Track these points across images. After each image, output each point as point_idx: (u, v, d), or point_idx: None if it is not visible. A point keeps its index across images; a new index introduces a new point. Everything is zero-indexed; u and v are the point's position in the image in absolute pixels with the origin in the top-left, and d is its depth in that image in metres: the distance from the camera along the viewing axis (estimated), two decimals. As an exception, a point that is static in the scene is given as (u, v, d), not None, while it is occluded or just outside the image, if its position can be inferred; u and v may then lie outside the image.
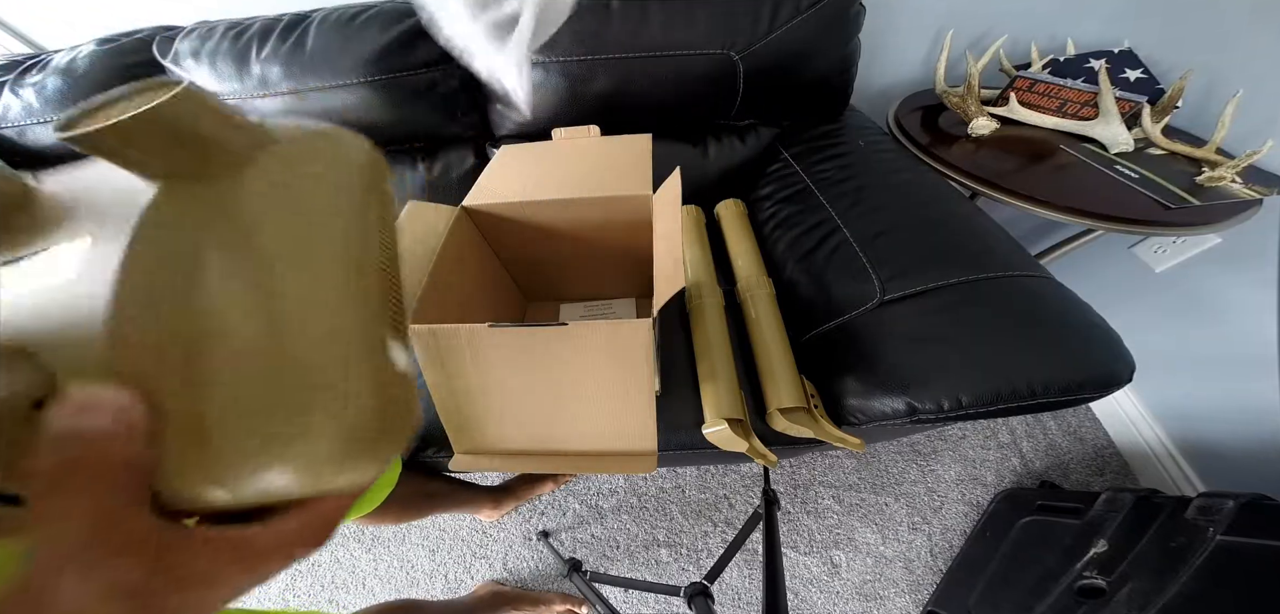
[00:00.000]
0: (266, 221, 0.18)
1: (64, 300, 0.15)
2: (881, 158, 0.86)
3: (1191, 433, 1.05)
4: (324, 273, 0.18)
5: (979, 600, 0.91)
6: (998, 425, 1.22)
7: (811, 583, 1.03)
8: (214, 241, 0.17)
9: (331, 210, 0.20)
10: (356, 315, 0.18)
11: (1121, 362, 0.54)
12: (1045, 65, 0.95)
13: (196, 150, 0.18)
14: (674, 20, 0.82)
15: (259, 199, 0.19)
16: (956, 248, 0.66)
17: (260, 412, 0.15)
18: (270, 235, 0.18)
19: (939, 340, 0.58)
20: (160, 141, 0.17)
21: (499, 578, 1.06)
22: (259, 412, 0.15)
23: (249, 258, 0.17)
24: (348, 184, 0.21)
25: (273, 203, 0.19)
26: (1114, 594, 0.72)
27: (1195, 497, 0.74)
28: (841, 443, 0.61)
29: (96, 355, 0.14)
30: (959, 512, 1.10)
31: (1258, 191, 0.78)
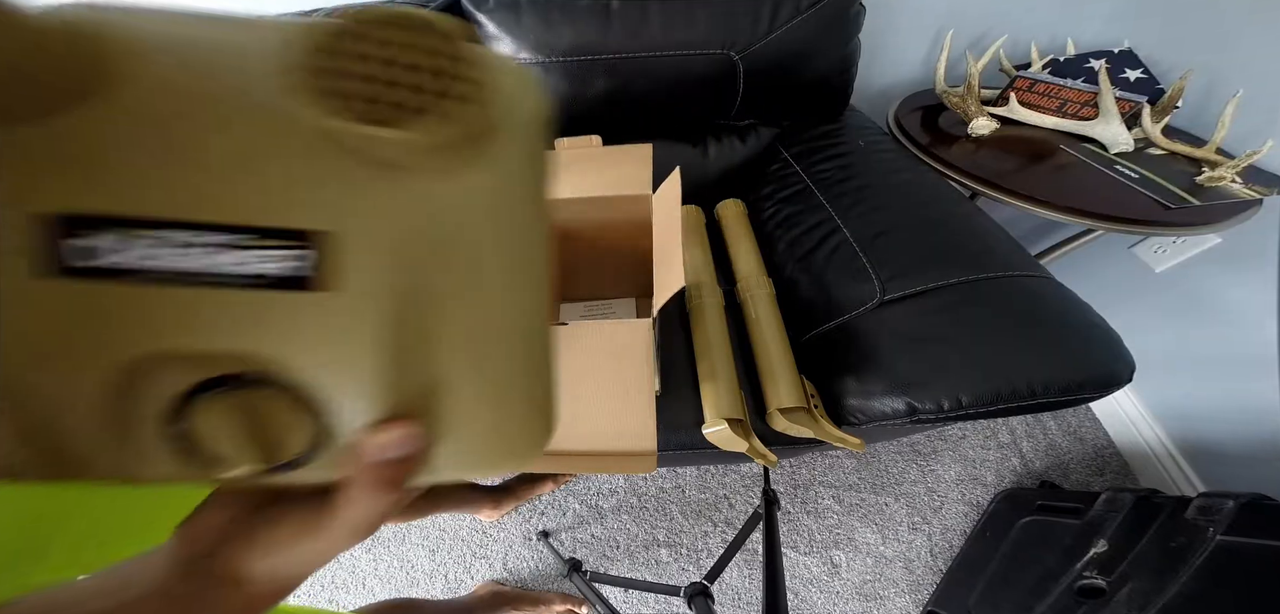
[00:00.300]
0: (487, 240, 0.18)
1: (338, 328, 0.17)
2: (881, 158, 0.86)
3: (1191, 433, 1.05)
4: (535, 293, 0.20)
5: (979, 600, 0.91)
6: (998, 425, 1.22)
7: (811, 583, 1.03)
8: (440, 267, 0.18)
9: (538, 220, 0.20)
10: (546, 328, 0.21)
11: (1121, 362, 0.54)
12: (1045, 65, 0.95)
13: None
14: (674, 20, 0.82)
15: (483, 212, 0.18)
16: (956, 248, 0.66)
17: (483, 447, 0.19)
18: (489, 257, 0.18)
19: (939, 340, 0.59)
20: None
21: (499, 578, 1.06)
22: (482, 447, 0.19)
23: (478, 288, 0.18)
24: (544, 182, 0.20)
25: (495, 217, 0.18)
26: (1114, 594, 0.72)
27: (1195, 497, 0.74)
28: (841, 443, 0.61)
29: (383, 390, 0.17)
30: (959, 512, 1.10)
31: (1258, 191, 0.78)
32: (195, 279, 0.15)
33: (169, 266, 0.15)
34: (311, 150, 0.16)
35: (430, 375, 0.17)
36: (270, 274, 0.16)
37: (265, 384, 0.16)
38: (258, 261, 0.15)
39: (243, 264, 0.15)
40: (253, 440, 0.16)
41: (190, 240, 0.15)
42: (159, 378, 0.15)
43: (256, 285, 0.15)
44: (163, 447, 0.16)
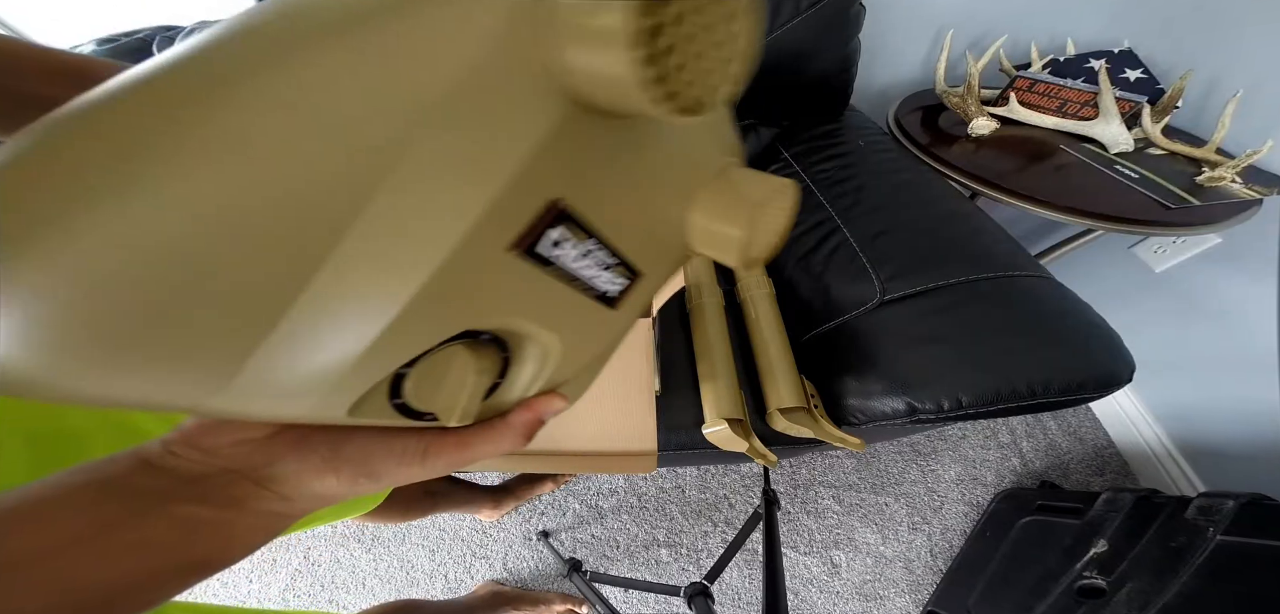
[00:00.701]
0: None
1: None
2: (881, 158, 0.86)
3: (1191, 433, 1.05)
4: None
5: (979, 600, 0.91)
6: (998, 425, 1.22)
7: (811, 583, 1.03)
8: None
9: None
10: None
11: (1121, 361, 0.54)
12: (1045, 65, 0.95)
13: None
14: (674, 20, 0.82)
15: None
16: (956, 248, 0.66)
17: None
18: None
19: (939, 340, 0.58)
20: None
21: (499, 578, 1.06)
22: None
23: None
24: None
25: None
26: (1114, 594, 0.72)
27: (1195, 497, 0.74)
28: (841, 443, 0.61)
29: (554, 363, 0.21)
30: (959, 512, 1.10)
31: (1258, 191, 0.78)
32: (576, 282, 0.19)
33: (579, 272, 0.18)
34: (673, 215, 0.21)
35: (587, 367, 0.23)
36: (609, 294, 0.21)
37: (501, 351, 0.19)
38: (610, 282, 0.20)
39: (608, 282, 0.20)
40: (449, 384, 0.17)
41: (605, 258, 0.19)
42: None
43: (597, 297, 0.20)
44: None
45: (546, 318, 0.19)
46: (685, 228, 0.22)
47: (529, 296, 0.17)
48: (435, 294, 0.14)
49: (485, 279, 0.15)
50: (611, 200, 0.18)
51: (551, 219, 0.16)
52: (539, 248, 0.16)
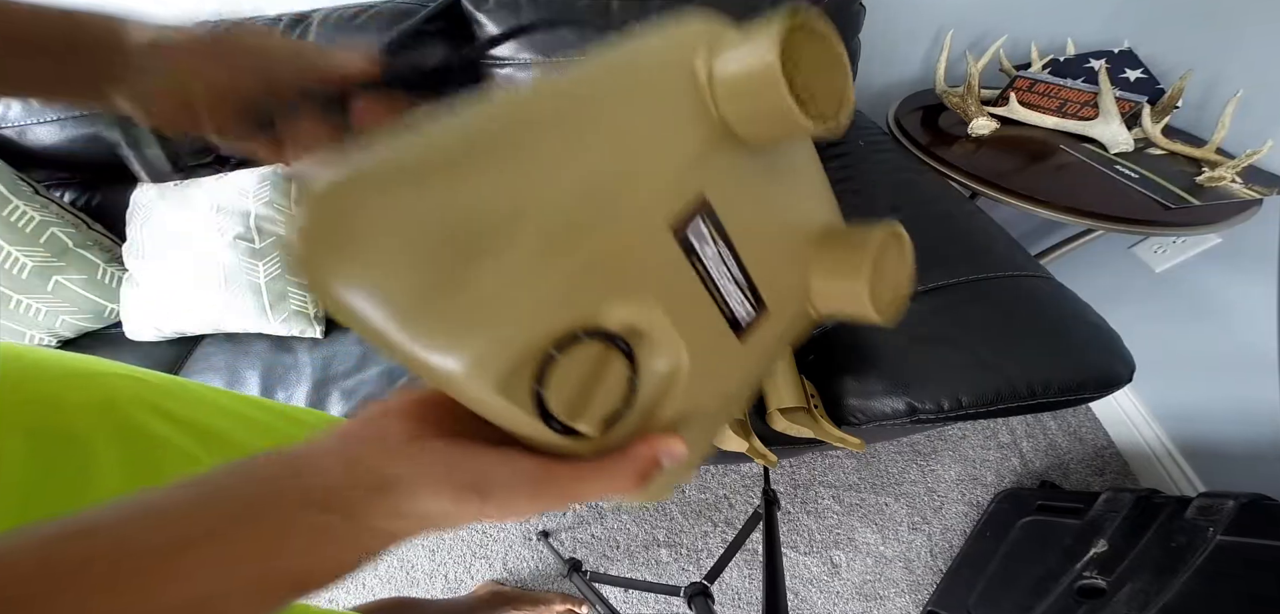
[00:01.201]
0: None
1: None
2: (881, 158, 0.86)
3: (1191, 433, 1.05)
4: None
5: (979, 600, 0.90)
6: (998, 425, 1.22)
7: (811, 583, 1.03)
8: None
9: None
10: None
11: (1121, 361, 0.54)
12: (1045, 65, 0.95)
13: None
14: (674, 20, 0.82)
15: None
16: (956, 247, 0.66)
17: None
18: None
19: (939, 340, 0.58)
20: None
21: (499, 578, 1.06)
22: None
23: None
24: None
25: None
26: (1114, 594, 0.72)
27: (1195, 497, 0.74)
28: (841, 443, 0.61)
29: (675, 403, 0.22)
30: (959, 512, 1.10)
31: (1258, 191, 0.78)
32: (710, 283, 0.21)
33: (713, 274, 0.21)
34: (791, 259, 0.24)
35: (702, 412, 0.22)
36: (738, 316, 0.22)
37: (630, 358, 0.20)
38: (739, 303, 0.22)
39: (738, 302, 0.22)
40: (586, 388, 0.18)
41: (734, 270, 0.22)
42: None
43: (726, 315, 0.22)
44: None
45: (680, 314, 0.20)
46: (808, 290, 0.24)
47: (674, 281, 0.20)
48: (615, 245, 0.18)
49: (647, 247, 0.19)
50: (741, 217, 0.21)
51: (699, 209, 0.20)
52: (688, 232, 0.20)
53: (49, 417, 0.36)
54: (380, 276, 0.15)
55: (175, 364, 0.87)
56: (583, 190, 0.17)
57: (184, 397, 0.49)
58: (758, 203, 0.22)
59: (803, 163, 0.25)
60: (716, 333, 0.21)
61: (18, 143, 0.90)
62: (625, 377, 0.19)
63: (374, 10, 0.85)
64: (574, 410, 0.18)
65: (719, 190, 0.20)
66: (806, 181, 0.25)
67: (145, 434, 0.42)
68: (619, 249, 0.18)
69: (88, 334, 0.92)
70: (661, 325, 0.19)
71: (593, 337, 0.17)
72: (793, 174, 0.24)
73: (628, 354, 0.19)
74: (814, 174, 0.26)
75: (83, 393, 0.39)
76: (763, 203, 0.23)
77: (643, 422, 0.20)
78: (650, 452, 0.19)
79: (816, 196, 0.26)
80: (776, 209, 0.23)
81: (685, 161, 0.19)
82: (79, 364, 0.41)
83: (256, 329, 0.84)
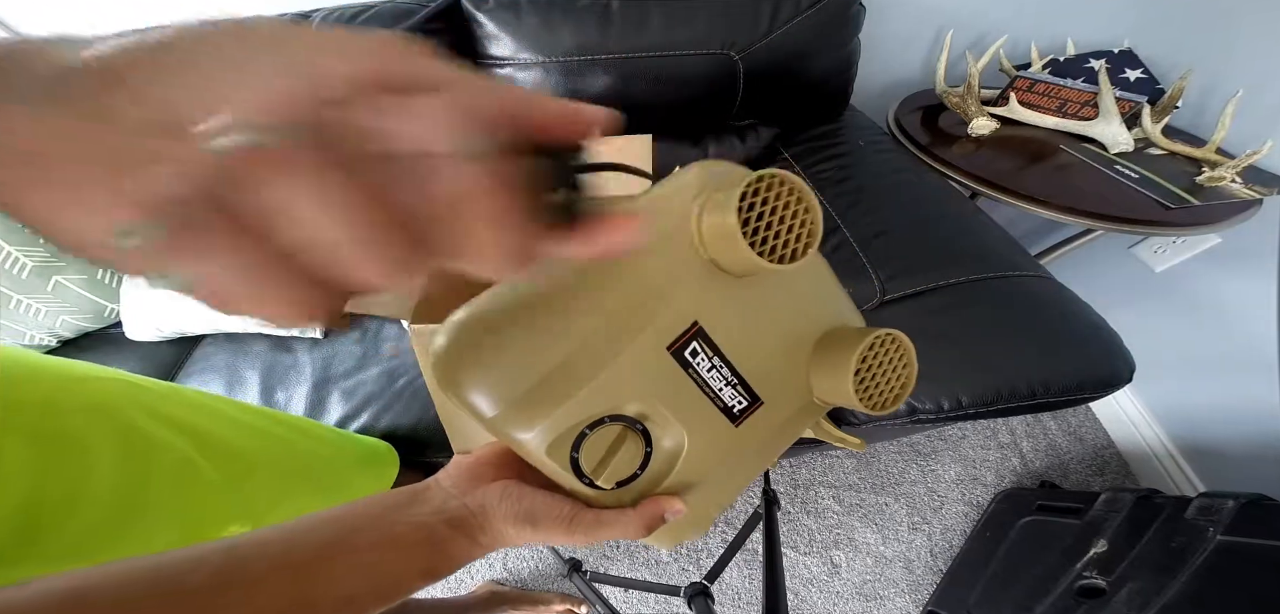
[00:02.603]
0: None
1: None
2: (881, 158, 0.86)
3: (1191, 433, 1.05)
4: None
5: (979, 600, 0.90)
6: (998, 425, 1.22)
7: (811, 583, 1.03)
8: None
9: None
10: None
11: (1121, 361, 0.55)
12: (1045, 65, 0.95)
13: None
14: (674, 20, 0.82)
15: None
16: (956, 248, 0.66)
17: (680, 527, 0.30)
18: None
19: (939, 340, 0.59)
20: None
21: (499, 578, 1.06)
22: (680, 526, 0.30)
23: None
24: None
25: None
26: (1114, 594, 0.72)
27: (1195, 497, 0.74)
28: (842, 443, 0.61)
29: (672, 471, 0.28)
30: (959, 512, 1.10)
31: (1258, 192, 0.78)
32: (706, 389, 0.26)
33: (708, 381, 0.26)
34: (788, 361, 0.28)
35: (703, 481, 0.29)
36: (733, 408, 0.27)
37: (645, 439, 0.27)
38: (732, 397, 0.27)
39: (731, 397, 0.27)
40: (606, 456, 0.26)
41: (727, 376, 0.27)
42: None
43: (723, 409, 0.27)
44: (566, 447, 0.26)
45: (681, 410, 0.26)
46: (811, 383, 0.28)
47: (673, 389, 0.26)
48: (628, 367, 0.24)
49: (652, 365, 0.25)
50: (734, 331, 0.26)
51: (693, 334, 0.25)
52: (685, 353, 0.25)
53: (46, 420, 0.36)
54: (485, 388, 0.24)
55: (175, 364, 0.87)
56: (609, 327, 0.24)
57: (180, 401, 0.49)
58: (750, 319, 0.27)
59: (805, 278, 0.29)
60: (713, 422, 0.27)
61: (18, 143, 0.90)
62: (641, 450, 0.27)
63: (374, 10, 0.85)
64: (597, 470, 0.26)
65: (713, 313, 0.25)
66: (809, 292, 0.29)
67: (142, 435, 0.42)
68: (631, 366, 0.25)
69: (88, 334, 0.92)
70: (663, 415, 0.26)
71: (614, 420, 0.25)
72: (789, 290, 0.28)
73: (644, 434, 0.26)
74: (818, 283, 0.29)
75: (79, 396, 0.39)
76: (756, 318, 0.27)
77: (652, 485, 0.28)
78: (656, 508, 0.27)
79: (822, 302, 0.30)
80: (771, 321, 0.27)
81: (683, 296, 0.25)
82: (75, 369, 0.41)
83: (256, 329, 0.84)
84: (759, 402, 0.28)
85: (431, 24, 0.84)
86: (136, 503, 0.42)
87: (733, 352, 0.26)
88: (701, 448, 0.27)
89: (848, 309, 0.31)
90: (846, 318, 0.31)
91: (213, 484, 0.47)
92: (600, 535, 0.26)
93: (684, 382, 0.26)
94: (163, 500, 0.44)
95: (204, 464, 0.47)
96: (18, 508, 0.33)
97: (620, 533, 0.27)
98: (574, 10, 0.82)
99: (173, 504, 0.45)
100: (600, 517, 0.26)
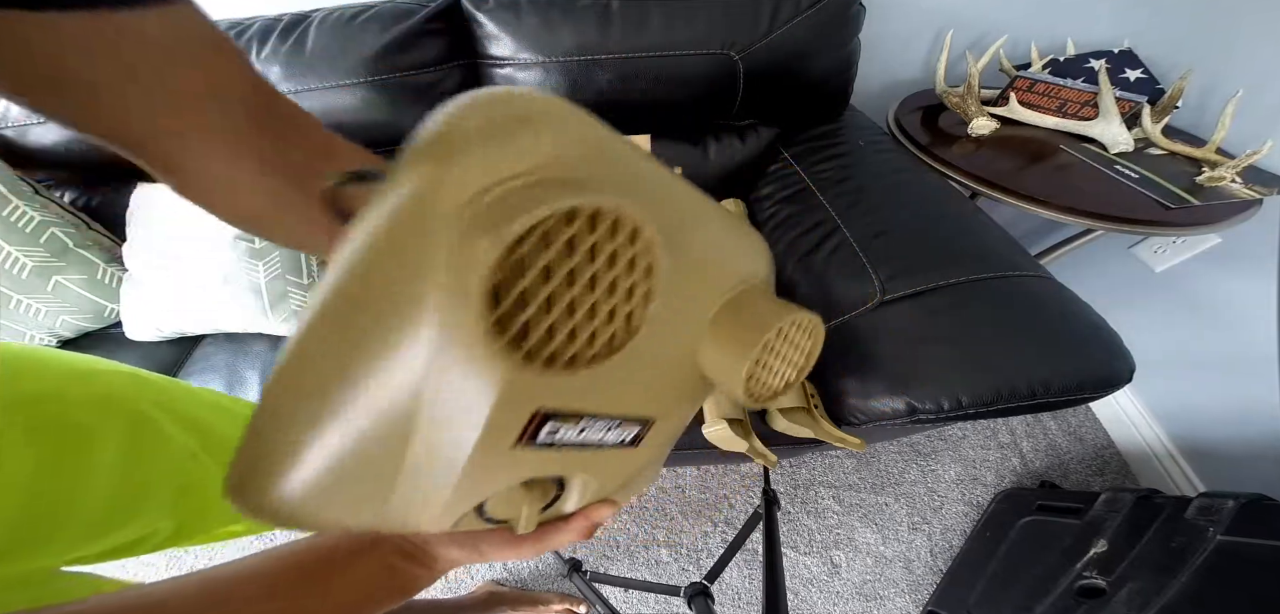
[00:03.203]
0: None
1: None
2: (881, 158, 0.86)
3: (1191, 433, 1.05)
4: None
5: (979, 600, 0.90)
6: (998, 425, 1.22)
7: (811, 583, 1.03)
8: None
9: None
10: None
11: (1121, 361, 0.55)
12: (1045, 65, 0.95)
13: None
14: (674, 20, 0.82)
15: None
16: (956, 248, 0.66)
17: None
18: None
19: (939, 340, 0.58)
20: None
21: (498, 578, 1.06)
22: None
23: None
24: None
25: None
26: (1114, 594, 0.72)
27: (1195, 497, 0.74)
28: (841, 443, 0.61)
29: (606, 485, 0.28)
30: (959, 512, 1.10)
31: (1258, 192, 0.78)
32: (586, 446, 0.23)
33: (585, 440, 0.22)
34: (685, 378, 0.24)
35: (629, 483, 0.29)
36: (625, 440, 0.24)
37: (557, 482, 0.25)
38: (621, 436, 0.24)
39: (619, 436, 0.24)
40: (524, 501, 0.25)
41: (605, 426, 0.22)
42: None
43: (615, 446, 0.24)
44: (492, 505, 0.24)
45: (572, 467, 0.25)
46: (697, 350, 0.23)
47: (548, 462, 0.23)
48: (473, 473, 0.20)
49: (507, 461, 0.21)
50: (594, 394, 0.21)
51: (541, 421, 0.20)
52: (539, 438, 0.21)
53: (51, 411, 0.36)
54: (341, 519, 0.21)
55: (175, 364, 0.87)
56: (432, 465, 0.20)
57: (183, 396, 0.49)
58: (617, 366, 0.20)
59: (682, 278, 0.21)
60: (606, 459, 0.25)
61: (18, 143, 0.90)
62: (550, 486, 0.25)
63: (374, 10, 0.85)
64: (511, 519, 0.25)
65: (554, 396, 0.19)
66: (686, 289, 0.22)
67: (149, 424, 0.42)
68: (478, 475, 0.21)
69: (88, 334, 0.92)
70: (558, 473, 0.25)
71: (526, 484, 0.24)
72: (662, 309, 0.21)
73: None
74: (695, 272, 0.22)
75: (84, 389, 0.39)
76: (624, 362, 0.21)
77: (576, 503, 0.28)
78: (586, 521, 0.29)
79: (723, 270, 0.23)
80: (646, 353, 0.21)
81: (511, 393, 0.18)
82: (80, 362, 0.41)
83: (256, 329, 0.84)
84: (651, 421, 0.25)
85: (431, 24, 0.84)
86: (137, 498, 0.42)
87: (597, 406, 0.21)
88: (609, 473, 0.26)
89: (749, 257, 0.25)
90: (746, 269, 0.24)
91: (216, 482, 0.47)
92: (545, 548, 0.28)
93: (555, 453, 0.22)
94: (164, 498, 0.44)
95: (208, 461, 0.47)
96: (22, 502, 0.33)
97: (560, 543, 0.29)
98: (574, 10, 0.81)
99: (174, 501, 0.45)
100: (539, 533, 0.28)
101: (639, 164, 0.20)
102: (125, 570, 1.06)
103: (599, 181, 0.16)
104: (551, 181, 0.15)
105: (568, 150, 0.16)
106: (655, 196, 0.20)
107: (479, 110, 0.15)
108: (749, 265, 0.25)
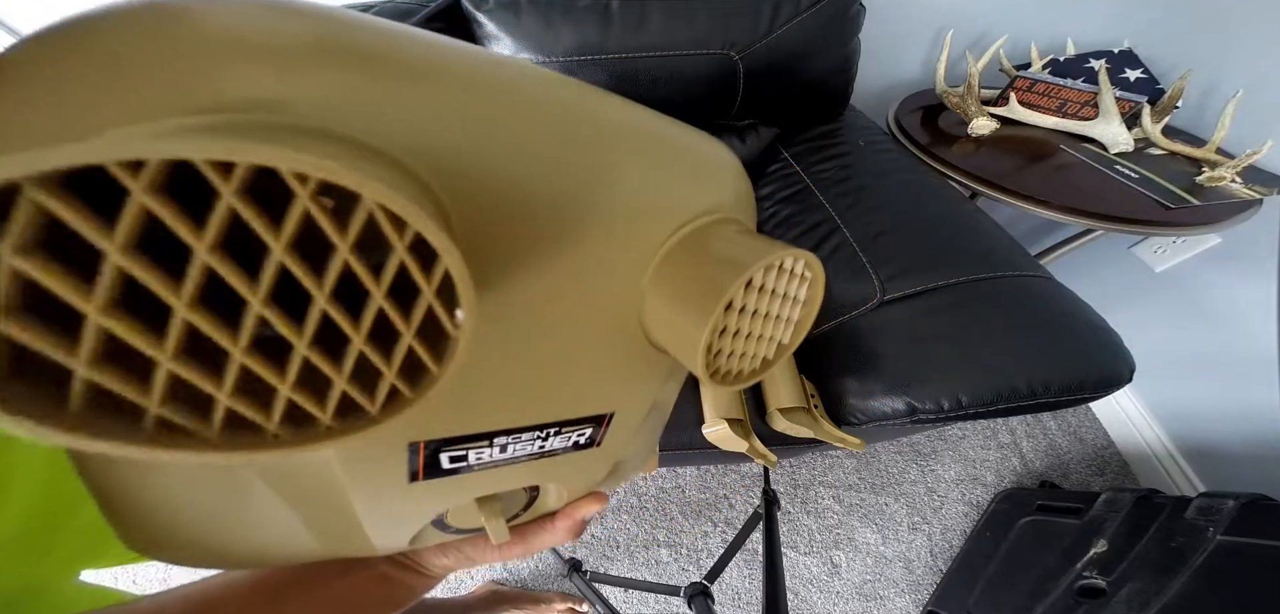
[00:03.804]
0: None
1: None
2: (881, 158, 0.86)
3: (1191, 433, 1.05)
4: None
5: (979, 600, 0.90)
6: (998, 425, 1.22)
7: (811, 583, 1.03)
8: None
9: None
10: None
11: (1121, 361, 0.54)
12: (1045, 65, 0.95)
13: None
14: (674, 20, 0.82)
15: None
16: (956, 248, 0.66)
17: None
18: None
19: (939, 340, 0.58)
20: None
21: (499, 578, 1.06)
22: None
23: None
24: None
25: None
26: (1114, 594, 0.72)
27: (1195, 497, 0.74)
28: (841, 443, 0.61)
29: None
30: (959, 512, 1.10)
31: (1258, 191, 0.78)
32: (521, 459, 0.20)
33: (515, 455, 0.19)
34: (634, 357, 0.19)
35: (609, 473, 0.26)
36: (579, 442, 0.21)
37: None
38: (565, 441, 0.20)
39: (564, 441, 0.20)
40: (481, 512, 0.23)
41: (530, 438, 0.19)
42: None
43: (573, 449, 0.21)
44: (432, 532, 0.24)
45: (523, 478, 0.21)
46: (642, 310, 0.16)
47: (479, 483, 0.20)
48: (376, 511, 0.19)
49: (416, 495, 0.19)
50: (476, 413, 0.16)
51: (429, 452, 0.17)
52: (442, 468, 0.18)
53: None
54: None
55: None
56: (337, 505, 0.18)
57: None
58: (516, 362, 0.16)
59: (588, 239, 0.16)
60: (569, 458, 0.21)
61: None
62: (522, 496, 0.25)
63: (374, 10, 0.85)
64: (473, 527, 0.25)
65: (426, 425, 0.16)
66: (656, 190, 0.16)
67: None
68: (382, 521, 0.20)
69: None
70: (506, 489, 0.23)
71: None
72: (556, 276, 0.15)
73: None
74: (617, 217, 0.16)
75: None
76: (526, 351, 0.16)
77: (554, 503, 0.27)
78: (571, 520, 0.28)
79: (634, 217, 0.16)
80: (556, 330, 0.16)
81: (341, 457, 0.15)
82: None
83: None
84: (606, 415, 0.20)
85: (431, 24, 0.84)
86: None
87: (499, 422, 0.17)
88: (574, 474, 0.23)
89: (696, 178, 0.17)
90: (696, 197, 0.17)
91: None
92: (534, 549, 0.28)
93: (481, 476, 0.19)
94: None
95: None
96: (32, 507, 0.33)
97: (547, 543, 0.28)
98: (574, 10, 0.81)
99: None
100: (522, 533, 0.27)
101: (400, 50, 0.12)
102: (128, 575, 1.06)
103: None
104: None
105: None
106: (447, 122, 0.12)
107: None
108: (698, 191, 0.17)
